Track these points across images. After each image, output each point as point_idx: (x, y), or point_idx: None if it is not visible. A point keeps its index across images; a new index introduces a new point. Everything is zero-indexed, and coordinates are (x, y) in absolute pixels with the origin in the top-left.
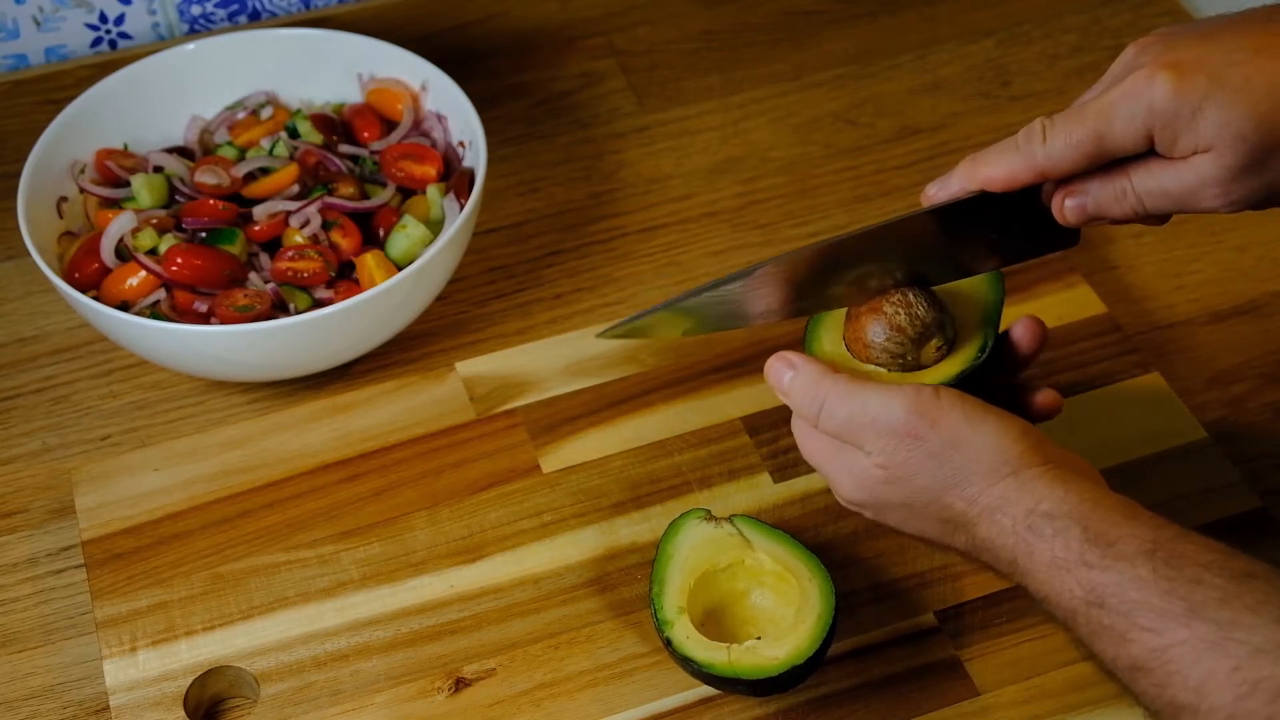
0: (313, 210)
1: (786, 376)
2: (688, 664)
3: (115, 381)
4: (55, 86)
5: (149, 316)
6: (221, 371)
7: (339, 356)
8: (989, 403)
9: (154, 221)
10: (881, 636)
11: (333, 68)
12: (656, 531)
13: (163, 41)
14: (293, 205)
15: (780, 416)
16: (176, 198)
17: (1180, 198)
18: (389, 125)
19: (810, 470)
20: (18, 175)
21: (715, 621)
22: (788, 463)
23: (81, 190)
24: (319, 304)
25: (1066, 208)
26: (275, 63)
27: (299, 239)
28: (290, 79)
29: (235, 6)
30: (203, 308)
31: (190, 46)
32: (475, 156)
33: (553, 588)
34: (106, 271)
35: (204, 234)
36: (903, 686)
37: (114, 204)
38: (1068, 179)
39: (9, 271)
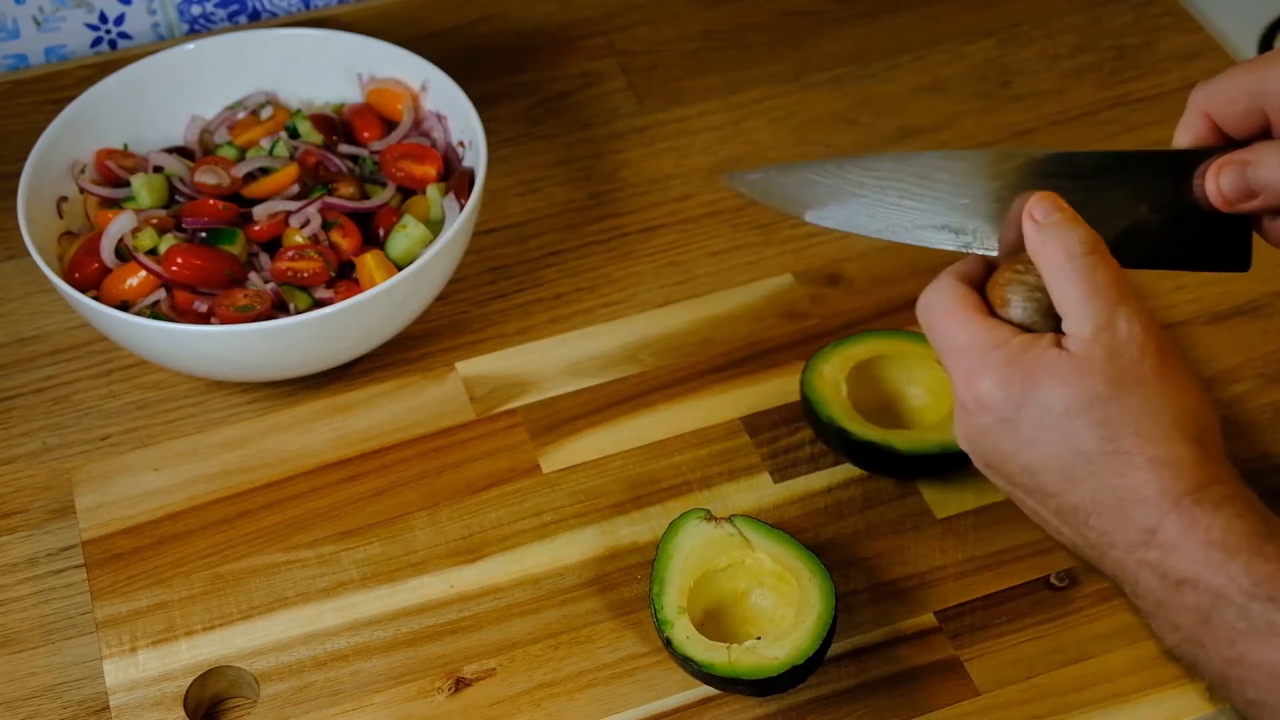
0: (313, 210)
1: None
2: (688, 664)
3: (115, 381)
4: (55, 86)
5: (149, 316)
6: (221, 371)
7: (339, 356)
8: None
9: (154, 221)
10: (881, 636)
11: (333, 68)
12: (656, 531)
13: (163, 41)
14: (293, 205)
15: (780, 417)
16: (176, 198)
17: None
18: (389, 125)
19: (810, 470)
20: (18, 175)
21: (715, 621)
22: (788, 463)
23: (81, 190)
24: (319, 304)
25: (1222, 178)
26: (275, 63)
27: (299, 239)
28: (290, 79)
29: (235, 6)
30: (203, 308)
31: (190, 46)
32: (475, 156)
33: (553, 588)
34: (106, 271)
35: (204, 234)
36: (903, 686)
37: (114, 204)
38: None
39: (9, 271)
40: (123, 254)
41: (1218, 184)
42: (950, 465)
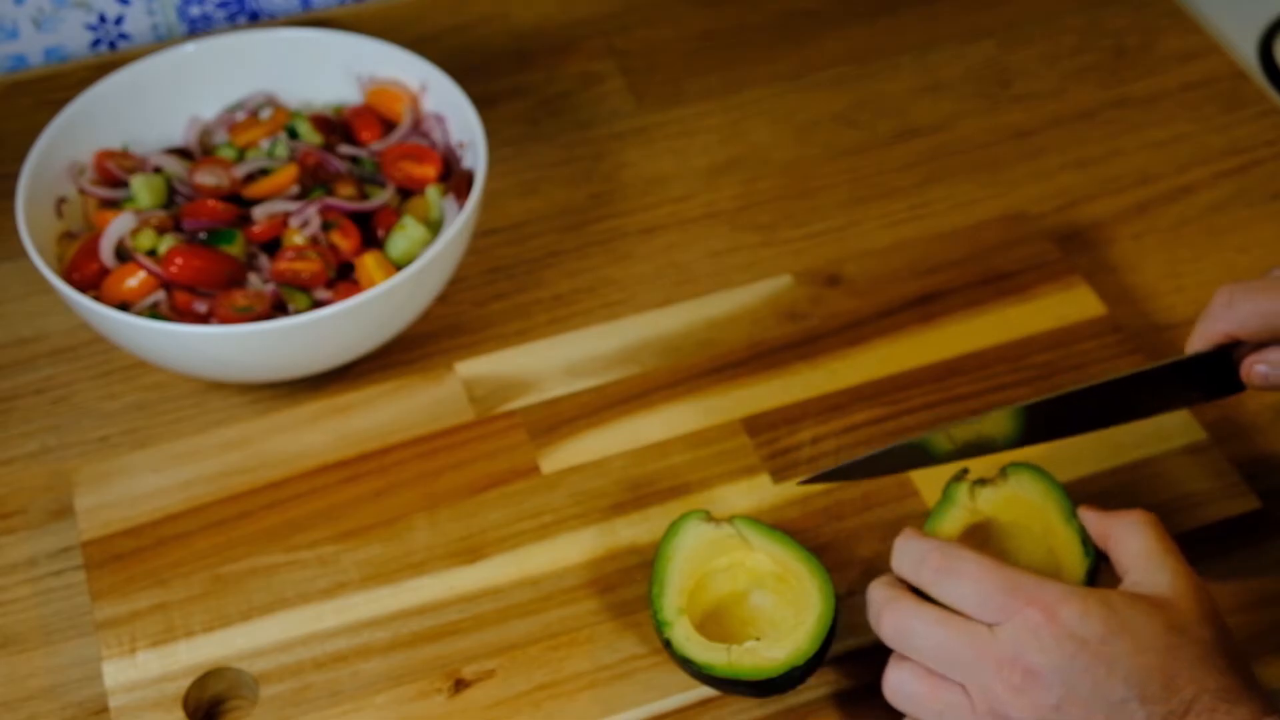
0: (312, 211)
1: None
2: (687, 665)
3: (115, 382)
4: (55, 87)
5: (149, 317)
6: (221, 372)
7: (338, 357)
8: None
9: (154, 222)
10: None
11: (332, 68)
12: (656, 532)
13: (162, 42)
14: (292, 206)
15: (780, 418)
16: (176, 198)
17: None
18: (389, 126)
19: (810, 471)
20: (17, 176)
21: (715, 622)
22: (787, 464)
23: (81, 191)
24: (318, 305)
25: (1255, 374)
26: (275, 63)
27: (298, 240)
28: (290, 79)
29: (235, 7)
30: (202, 308)
31: (189, 47)
32: (475, 157)
33: (552, 589)
34: (106, 272)
35: (204, 235)
36: None
37: (114, 205)
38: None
39: (9, 272)
40: (122, 255)
41: (1251, 375)
42: None
